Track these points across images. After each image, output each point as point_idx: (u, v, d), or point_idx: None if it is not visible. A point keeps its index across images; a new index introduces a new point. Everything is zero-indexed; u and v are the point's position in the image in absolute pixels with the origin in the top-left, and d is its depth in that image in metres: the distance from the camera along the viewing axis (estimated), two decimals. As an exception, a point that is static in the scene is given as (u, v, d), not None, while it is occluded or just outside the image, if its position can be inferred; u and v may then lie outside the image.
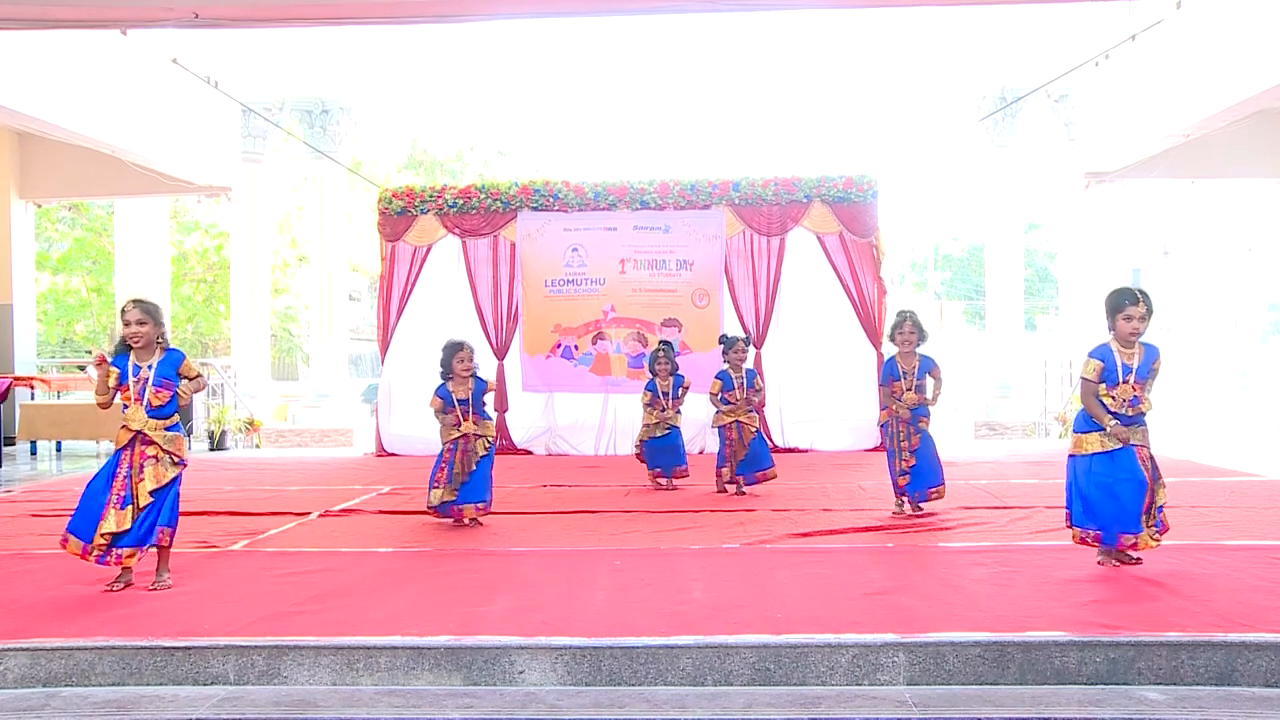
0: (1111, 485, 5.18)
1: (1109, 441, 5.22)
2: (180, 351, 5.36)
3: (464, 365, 6.98)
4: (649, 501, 8.27)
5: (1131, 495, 5.16)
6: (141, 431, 5.19)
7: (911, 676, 4.03)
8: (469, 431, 6.96)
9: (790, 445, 12.52)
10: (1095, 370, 5.29)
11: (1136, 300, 5.23)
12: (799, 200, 12.55)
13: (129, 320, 5.21)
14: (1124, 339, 5.28)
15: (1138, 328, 5.25)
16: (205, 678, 4.13)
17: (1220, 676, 3.98)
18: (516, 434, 12.85)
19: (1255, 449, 11.72)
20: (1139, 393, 5.24)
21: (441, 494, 6.94)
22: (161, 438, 5.22)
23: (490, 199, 12.77)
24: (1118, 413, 5.23)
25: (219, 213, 22.76)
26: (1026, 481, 9.19)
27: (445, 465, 6.95)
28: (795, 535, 6.54)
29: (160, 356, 5.27)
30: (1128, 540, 5.19)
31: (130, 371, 5.23)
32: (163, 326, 5.34)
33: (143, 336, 5.21)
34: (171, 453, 5.24)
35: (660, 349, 9.17)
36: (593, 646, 4.12)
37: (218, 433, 14.06)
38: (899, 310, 7.37)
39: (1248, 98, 11.49)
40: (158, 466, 5.18)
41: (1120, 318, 5.26)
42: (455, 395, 7.00)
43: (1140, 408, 5.24)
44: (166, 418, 5.27)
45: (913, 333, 7.05)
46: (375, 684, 4.09)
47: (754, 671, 4.06)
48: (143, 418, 5.19)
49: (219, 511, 7.72)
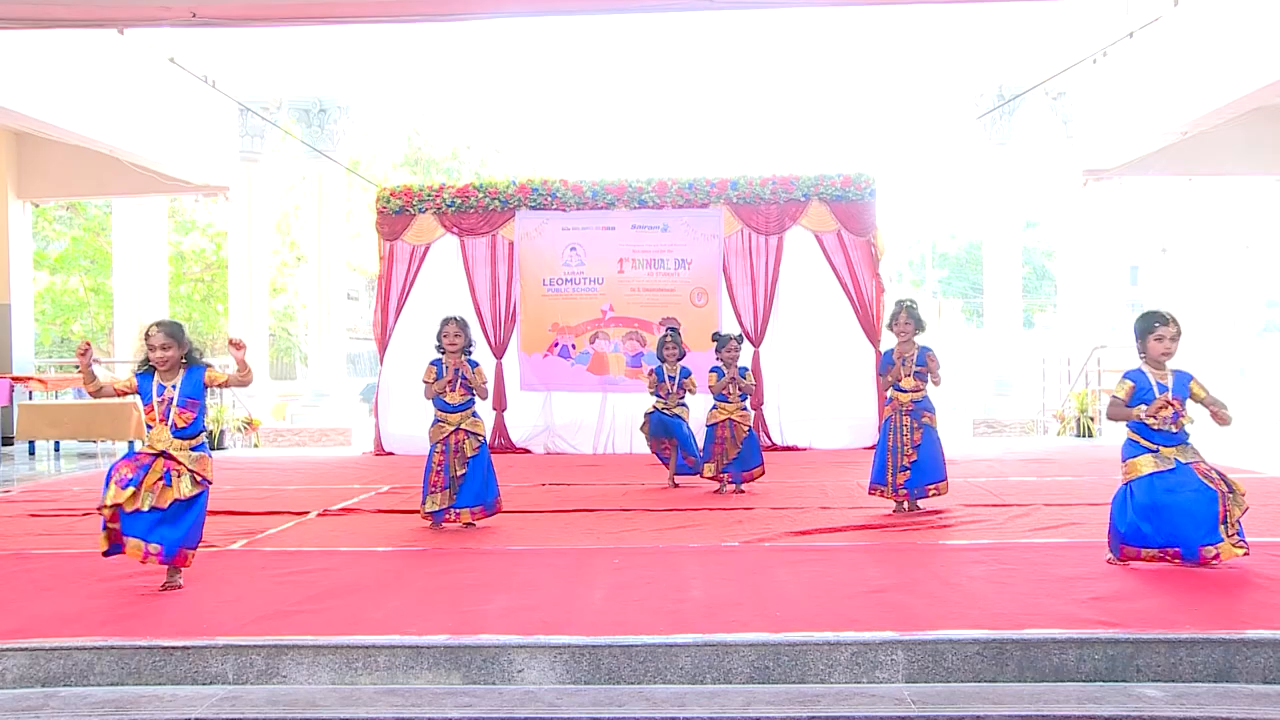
0: (1177, 497, 5.11)
1: (1162, 462, 5.20)
2: (201, 367, 5.26)
3: (447, 339, 6.89)
4: (647, 500, 8.27)
5: (1204, 505, 5.08)
6: (166, 451, 5.13)
7: (910, 674, 4.03)
8: (458, 424, 6.86)
9: (788, 443, 12.52)
10: (1127, 391, 5.29)
11: (1167, 321, 5.25)
12: (797, 199, 12.54)
13: (154, 345, 5.14)
14: (1155, 360, 5.30)
15: (1169, 348, 5.26)
16: (204, 677, 4.13)
17: (1219, 673, 3.98)
18: (515, 433, 12.84)
19: (1253, 446, 11.73)
20: (1179, 408, 5.22)
21: (440, 500, 6.84)
22: (187, 458, 5.15)
23: (488, 198, 12.76)
24: (1160, 431, 5.20)
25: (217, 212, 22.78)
26: (1025, 479, 9.19)
27: (439, 470, 6.85)
28: (794, 533, 6.55)
29: (184, 374, 5.21)
30: (1209, 553, 5.08)
31: (155, 391, 5.16)
32: (188, 346, 5.24)
33: (168, 361, 5.16)
34: (195, 472, 5.16)
35: (669, 335, 9.14)
36: (591, 645, 4.12)
37: (216, 432, 14.04)
38: (897, 300, 7.39)
39: (1245, 94, 11.49)
40: (179, 481, 5.10)
41: (1152, 339, 5.27)
42: (447, 365, 6.93)
43: (1181, 423, 5.22)
44: (192, 437, 5.19)
45: (908, 323, 7.05)
46: (374, 683, 4.09)
47: (753, 670, 4.06)
48: (168, 438, 5.12)
49: (217, 511, 7.67)
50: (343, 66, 14.57)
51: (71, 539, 6.72)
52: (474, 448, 6.90)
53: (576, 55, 14.13)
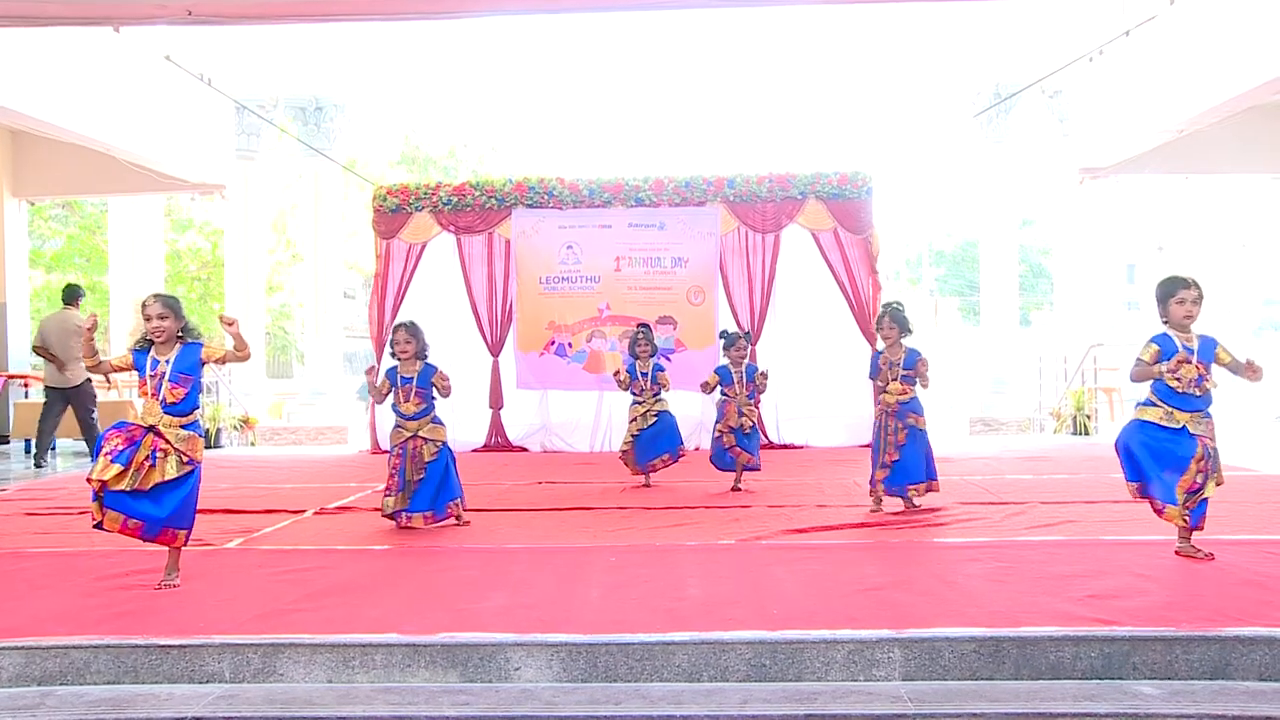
0: (1159, 446, 5.27)
1: (1170, 420, 5.27)
2: (198, 343, 5.22)
3: (399, 346, 6.84)
4: (644, 498, 8.27)
5: (1176, 463, 5.21)
6: (155, 427, 5.08)
7: (907, 672, 4.04)
8: (415, 431, 6.80)
9: (785, 441, 12.54)
10: (1153, 354, 5.34)
11: (1188, 285, 5.31)
12: (794, 197, 12.54)
13: (150, 314, 5.10)
14: (1178, 323, 5.34)
15: (1191, 310, 5.30)
16: (201, 676, 4.12)
17: (1215, 671, 3.99)
18: (511, 431, 12.85)
19: (1248, 443, 11.75)
20: (1203, 372, 5.26)
21: (394, 502, 6.78)
22: (174, 436, 5.07)
23: (485, 196, 12.76)
24: (1183, 394, 5.25)
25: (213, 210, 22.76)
26: (1021, 477, 9.20)
27: (395, 473, 6.79)
28: (790, 531, 6.55)
29: (178, 350, 5.16)
30: (1157, 505, 5.29)
31: (148, 365, 5.12)
32: (184, 320, 5.21)
33: (165, 331, 5.11)
34: (183, 452, 5.09)
35: (640, 332, 9.14)
36: (588, 643, 4.12)
37: (212, 431, 14.03)
38: (883, 303, 7.42)
39: (1241, 93, 11.51)
40: (165, 462, 5.03)
41: (1174, 302, 5.32)
42: (401, 374, 6.86)
43: (1205, 386, 5.26)
44: (184, 415, 5.12)
45: (892, 327, 7.05)
46: (371, 682, 4.09)
47: (750, 667, 4.06)
48: (158, 413, 5.05)
49: (214, 509, 7.69)
50: (339, 64, 14.57)
51: (67, 537, 6.70)
52: (432, 453, 6.81)
53: (573, 53, 14.13)
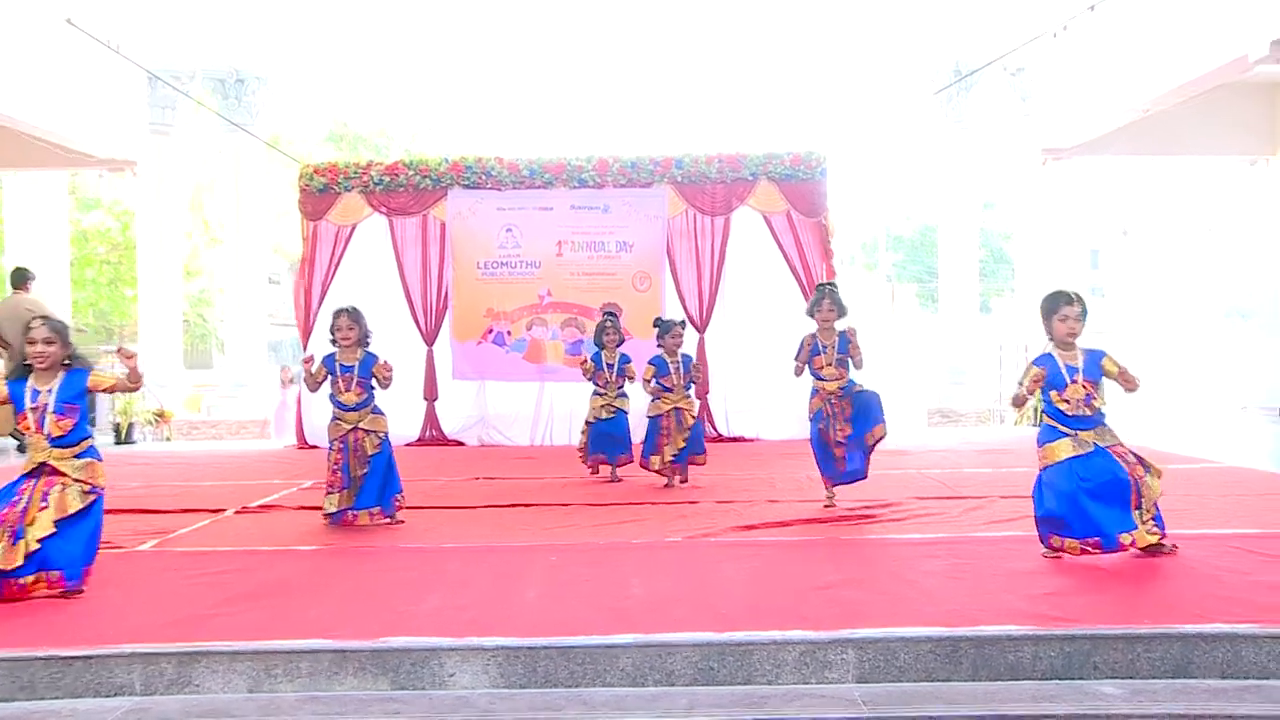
0: (1091, 485, 5.24)
1: (1079, 446, 5.31)
2: (84, 370, 5.06)
3: (340, 333, 6.79)
4: (586, 494, 8.27)
5: (1118, 493, 5.22)
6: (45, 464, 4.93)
7: (861, 674, 4.07)
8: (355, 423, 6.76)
9: (735, 434, 12.58)
10: (1034, 379, 5.44)
11: (1072, 300, 5.41)
12: (744, 178, 12.57)
13: (35, 339, 4.92)
14: (1061, 341, 5.45)
15: (1074, 328, 5.41)
16: (108, 689, 4.05)
17: (1177, 669, 4.06)
18: (447, 424, 12.77)
19: (1213, 433, 11.99)
20: (1091, 390, 5.35)
21: (338, 500, 6.76)
22: (70, 467, 4.93)
23: (419, 176, 12.64)
24: (1075, 415, 5.33)
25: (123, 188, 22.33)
26: (981, 470, 9.32)
27: (337, 469, 6.75)
28: (740, 528, 6.57)
29: (62, 378, 4.99)
30: (1126, 539, 5.21)
31: (28, 397, 4.93)
32: (71, 347, 5.04)
33: (49, 358, 4.95)
34: (82, 481, 4.95)
35: (608, 320, 9.15)
36: (527, 646, 4.11)
37: (124, 425, 13.78)
38: (818, 285, 7.51)
39: (1208, 71, 11.71)
40: (64, 495, 4.89)
41: (1056, 319, 5.44)
42: (340, 361, 6.82)
43: (1095, 405, 5.35)
44: (73, 445, 4.97)
45: (831, 309, 7.15)
46: (295, 690, 4.05)
47: (697, 671, 4.07)
48: (45, 448, 4.91)
49: (125, 510, 7.56)
50: (262, 34, 14.37)
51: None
52: (374, 445, 6.79)
53: (515, 26, 14.05)
